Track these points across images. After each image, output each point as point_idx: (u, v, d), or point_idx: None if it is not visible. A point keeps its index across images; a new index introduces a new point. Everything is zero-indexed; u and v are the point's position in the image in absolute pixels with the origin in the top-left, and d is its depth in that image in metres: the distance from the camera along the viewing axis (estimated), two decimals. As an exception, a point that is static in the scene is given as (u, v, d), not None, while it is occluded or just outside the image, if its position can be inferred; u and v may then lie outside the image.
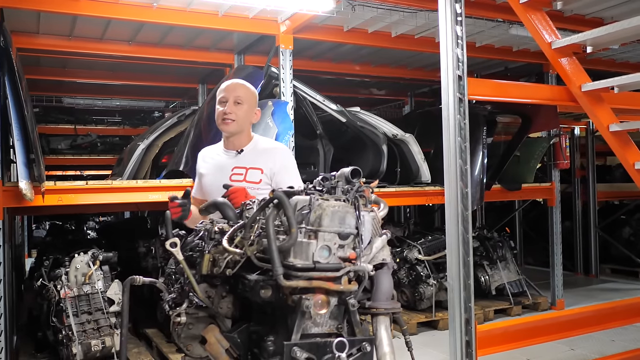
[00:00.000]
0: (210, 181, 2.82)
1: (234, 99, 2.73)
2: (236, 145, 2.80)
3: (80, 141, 9.45)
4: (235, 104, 2.73)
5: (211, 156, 2.89)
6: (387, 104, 10.09)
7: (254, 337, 1.88)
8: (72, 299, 4.44)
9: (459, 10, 3.07)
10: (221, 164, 2.80)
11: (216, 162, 2.84)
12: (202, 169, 2.90)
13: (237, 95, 2.74)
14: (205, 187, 2.86)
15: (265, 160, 2.76)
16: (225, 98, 2.74)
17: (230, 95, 2.74)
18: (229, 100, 2.73)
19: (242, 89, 2.79)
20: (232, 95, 2.74)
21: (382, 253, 1.96)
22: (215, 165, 2.83)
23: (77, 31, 5.54)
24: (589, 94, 3.36)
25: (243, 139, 2.81)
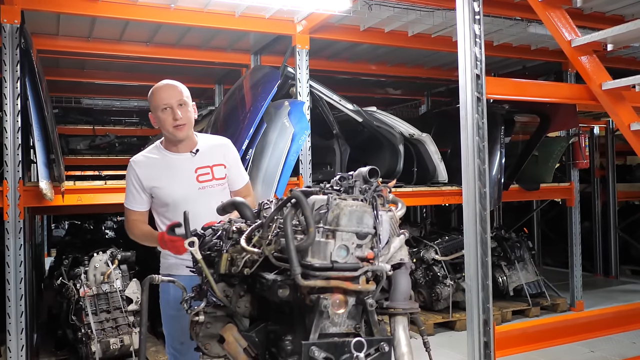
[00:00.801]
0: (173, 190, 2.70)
1: (177, 102, 2.66)
2: (188, 147, 2.75)
3: (99, 141, 9.54)
4: (179, 106, 2.66)
5: (154, 164, 2.74)
6: (403, 103, 10.05)
7: (272, 337, 1.88)
8: (91, 297, 4.49)
9: (477, 8, 3.04)
10: (178, 169, 2.71)
11: (168, 168, 2.71)
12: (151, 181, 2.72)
13: (179, 97, 2.68)
14: (165, 197, 2.71)
15: (222, 155, 2.80)
16: (168, 104, 2.65)
17: (172, 100, 2.66)
18: (173, 105, 2.65)
19: (178, 89, 2.71)
20: (175, 99, 2.66)
21: (400, 253, 1.95)
22: (170, 172, 2.71)
23: (96, 33, 5.61)
24: (610, 92, 3.31)
25: (192, 139, 2.78)
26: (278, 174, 4.60)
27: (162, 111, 2.66)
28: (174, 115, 2.64)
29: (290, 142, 4.68)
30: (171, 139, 2.73)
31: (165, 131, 2.70)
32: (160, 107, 2.66)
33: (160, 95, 2.68)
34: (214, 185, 2.74)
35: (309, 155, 5.25)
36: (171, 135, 2.69)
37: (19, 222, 4.13)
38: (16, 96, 4.12)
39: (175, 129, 2.66)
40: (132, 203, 2.75)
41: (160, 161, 2.74)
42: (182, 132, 2.68)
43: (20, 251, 4.12)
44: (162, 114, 2.66)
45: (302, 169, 5.22)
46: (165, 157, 2.74)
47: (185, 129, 2.68)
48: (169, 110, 2.65)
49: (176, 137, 2.69)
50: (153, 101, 2.70)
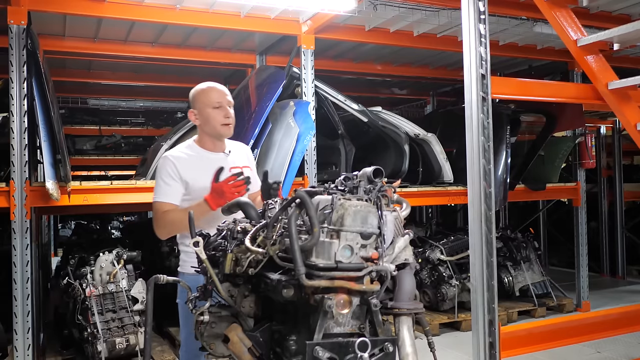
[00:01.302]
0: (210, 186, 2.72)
1: (228, 103, 2.79)
2: (222, 147, 2.85)
3: (105, 142, 9.57)
4: (229, 107, 2.79)
5: (192, 161, 2.79)
6: (408, 103, 10.04)
7: (276, 337, 1.88)
8: (97, 297, 4.51)
9: (482, 8, 3.03)
10: (215, 167, 2.73)
11: (205, 166, 2.74)
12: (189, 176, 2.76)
13: (229, 100, 2.80)
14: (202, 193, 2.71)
15: (247, 158, 2.96)
16: (221, 103, 2.77)
17: (224, 100, 2.78)
18: (224, 103, 2.77)
19: (229, 94, 2.84)
20: (226, 100, 2.79)
21: (405, 253, 1.95)
22: (207, 170, 2.72)
23: (102, 33, 5.64)
24: (616, 91, 3.29)
25: (225, 141, 2.89)
26: (283, 174, 4.61)
27: (214, 109, 2.76)
28: (225, 113, 2.75)
29: (295, 142, 4.69)
30: (214, 136, 2.81)
31: (212, 128, 2.77)
32: (212, 104, 2.76)
33: (213, 94, 2.79)
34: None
35: (314, 155, 5.26)
36: (217, 132, 2.78)
37: (25, 222, 4.15)
38: (23, 97, 4.15)
39: (224, 126, 2.76)
40: (167, 196, 2.76)
41: (198, 159, 2.80)
42: (229, 130, 2.79)
43: (26, 251, 4.14)
44: (213, 111, 2.75)
45: (307, 169, 5.22)
46: (202, 155, 2.81)
47: (232, 129, 2.81)
48: (221, 108, 2.76)
49: (223, 134, 2.80)
50: (204, 98, 2.78)
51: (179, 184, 2.75)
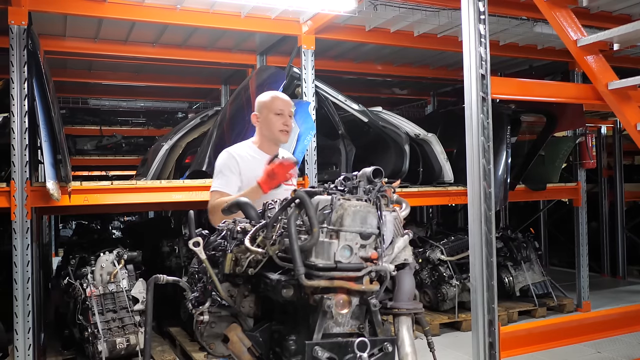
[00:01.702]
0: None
1: (289, 112, 2.99)
2: (274, 151, 3.03)
3: (106, 142, 9.59)
4: (289, 116, 2.99)
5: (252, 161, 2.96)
6: (409, 103, 10.04)
7: (276, 336, 1.89)
8: (97, 297, 4.51)
9: (482, 8, 3.03)
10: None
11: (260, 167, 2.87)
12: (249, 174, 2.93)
13: (290, 110, 3.01)
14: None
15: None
16: (283, 110, 2.97)
17: (286, 109, 2.98)
18: (285, 112, 2.97)
19: (291, 104, 3.05)
20: (288, 109, 2.99)
21: (404, 253, 1.95)
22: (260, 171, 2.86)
23: (103, 34, 5.64)
24: (616, 92, 3.29)
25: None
26: (283, 174, 4.60)
27: (276, 115, 2.96)
28: (284, 121, 2.96)
29: (295, 142, 4.69)
30: (272, 140, 3.01)
31: (270, 132, 2.98)
32: (275, 110, 2.97)
33: (279, 102, 3.01)
34: (290, 185, 2.94)
35: (315, 155, 5.26)
36: (275, 136, 2.99)
37: (26, 222, 4.15)
38: (23, 97, 4.15)
39: (281, 132, 2.97)
40: (226, 186, 2.93)
41: (255, 159, 2.95)
42: (286, 137, 3.01)
43: (27, 251, 4.15)
44: (275, 117, 2.96)
45: (308, 169, 5.23)
46: (259, 157, 2.97)
47: (288, 136, 3.03)
48: (281, 116, 2.96)
49: (279, 139, 3.01)
50: (269, 104, 2.99)
51: (237, 177, 2.94)
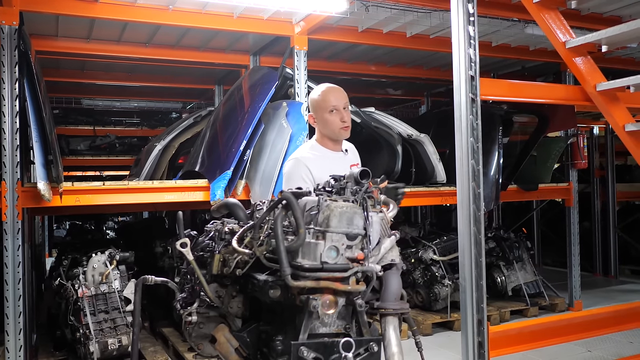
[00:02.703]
0: None
1: (343, 105, 2.80)
2: (340, 147, 2.90)
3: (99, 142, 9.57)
4: (345, 110, 2.80)
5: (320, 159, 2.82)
6: (403, 104, 10.06)
7: (264, 337, 1.90)
8: (89, 298, 4.51)
9: (472, 10, 3.05)
10: (338, 165, 2.79)
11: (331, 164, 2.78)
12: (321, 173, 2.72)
13: (345, 101, 2.82)
14: None
15: (356, 157, 2.98)
16: (336, 106, 2.78)
17: (340, 103, 2.79)
18: (340, 107, 2.78)
19: (345, 94, 2.87)
20: (342, 102, 2.80)
21: (391, 254, 1.97)
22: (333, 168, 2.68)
23: (95, 34, 5.63)
24: (604, 93, 3.32)
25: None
26: (276, 175, 4.62)
27: (330, 113, 2.78)
28: (341, 116, 2.77)
29: (288, 142, 4.70)
30: (333, 139, 2.85)
31: (330, 131, 2.81)
32: (328, 109, 2.78)
33: (329, 97, 2.80)
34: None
35: (307, 155, 5.26)
36: (336, 135, 2.82)
37: (17, 222, 4.15)
38: (14, 97, 4.14)
39: (342, 130, 2.80)
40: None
41: (323, 158, 2.83)
42: (347, 132, 2.83)
43: (18, 252, 4.14)
44: (330, 116, 2.78)
45: (300, 169, 5.22)
46: (326, 155, 2.85)
47: (349, 130, 2.84)
48: (336, 112, 2.77)
49: (341, 137, 2.84)
50: (320, 102, 2.82)
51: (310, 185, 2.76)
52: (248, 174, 4.85)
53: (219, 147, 5.07)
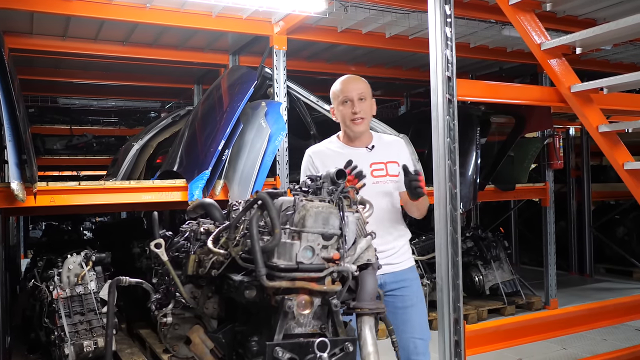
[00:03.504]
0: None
1: (358, 96, 2.66)
2: (364, 142, 2.74)
3: (76, 141, 9.45)
4: (360, 100, 2.66)
5: (332, 155, 2.72)
6: (383, 104, 10.10)
7: (239, 337, 1.89)
8: (64, 299, 4.44)
9: (449, 11, 3.08)
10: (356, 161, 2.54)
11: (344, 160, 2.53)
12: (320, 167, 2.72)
13: (360, 91, 2.67)
14: None
15: (396, 153, 2.77)
16: (349, 97, 2.66)
17: (353, 93, 2.66)
18: (354, 98, 2.65)
19: (362, 83, 2.72)
20: (356, 93, 2.66)
21: (367, 253, 1.97)
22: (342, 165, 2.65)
23: (71, 31, 5.55)
24: (578, 94, 3.37)
25: (368, 134, 2.77)
26: (254, 175, 4.60)
27: (342, 104, 2.67)
28: (354, 108, 2.64)
29: (266, 142, 4.68)
30: (348, 133, 2.72)
31: (344, 124, 2.70)
32: (342, 99, 2.67)
33: (341, 87, 2.70)
34: (387, 182, 2.70)
35: (286, 156, 5.26)
36: (349, 129, 2.69)
37: (-10, 223, 4.08)
38: (-13, 96, 4.06)
39: (353, 122, 2.65)
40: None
41: (338, 153, 2.71)
42: (359, 126, 2.66)
43: (-9, 253, 4.07)
44: (342, 107, 2.67)
45: (279, 169, 5.23)
46: (343, 150, 2.73)
47: (363, 123, 2.67)
48: (349, 103, 2.66)
49: (353, 130, 2.69)
50: (335, 93, 2.71)
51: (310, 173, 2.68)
52: (226, 174, 4.82)
53: (198, 147, 5.03)
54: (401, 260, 2.76)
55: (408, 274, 2.76)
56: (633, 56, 6.86)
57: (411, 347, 2.70)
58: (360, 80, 2.75)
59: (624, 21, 2.87)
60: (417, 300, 2.75)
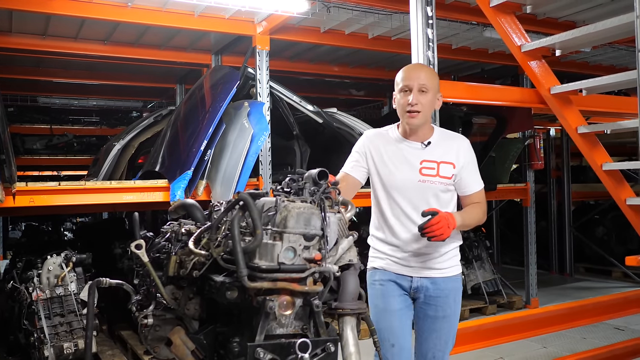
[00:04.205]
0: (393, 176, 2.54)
1: (418, 87, 2.44)
2: (420, 137, 2.54)
3: (56, 141, 9.34)
4: (420, 92, 2.44)
5: (385, 144, 2.58)
6: (366, 104, 10.13)
7: (220, 339, 1.89)
8: (44, 301, 4.38)
9: (430, 13, 3.11)
10: (404, 156, 2.54)
11: (396, 153, 2.55)
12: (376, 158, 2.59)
13: (422, 83, 2.45)
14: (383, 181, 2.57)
15: (455, 153, 2.55)
16: (409, 86, 2.45)
17: (414, 83, 2.45)
18: (414, 88, 2.44)
19: (426, 73, 2.52)
20: (417, 83, 2.45)
21: (349, 254, 1.98)
22: (398, 156, 2.54)
23: (51, 30, 5.49)
24: (558, 96, 3.42)
25: (427, 129, 2.56)
26: (237, 175, 4.59)
27: (401, 93, 2.50)
28: (411, 99, 2.44)
29: (249, 142, 4.67)
30: (404, 125, 2.55)
31: (400, 115, 2.53)
32: (400, 87, 2.50)
33: (403, 75, 2.51)
34: (435, 182, 2.51)
35: (269, 156, 5.25)
36: (405, 121, 2.52)
37: (-32, 224, 4.01)
38: (-35, 95, 4.01)
39: (408, 114, 2.46)
40: (345, 165, 2.67)
41: (391, 144, 2.57)
42: (414, 119, 2.46)
43: (-31, 254, 4.00)
44: (400, 97, 2.50)
45: (262, 169, 5.22)
46: (397, 142, 2.57)
47: (419, 117, 2.45)
48: (407, 92, 2.46)
49: (408, 123, 2.50)
50: (396, 81, 2.54)
51: (360, 156, 2.62)
52: (209, 174, 4.80)
53: (180, 147, 5.00)
54: (444, 267, 2.58)
55: (449, 283, 2.59)
56: (612, 58, 6.97)
57: (429, 356, 2.60)
58: (426, 70, 2.58)
59: (602, 24, 2.92)
60: (451, 312, 2.59)
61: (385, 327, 2.54)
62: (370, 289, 2.65)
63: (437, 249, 2.55)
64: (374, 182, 2.64)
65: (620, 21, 2.81)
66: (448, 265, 2.60)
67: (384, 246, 2.63)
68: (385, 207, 2.59)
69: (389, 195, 2.57)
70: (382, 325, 2.53)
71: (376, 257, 2.67)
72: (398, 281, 2.58)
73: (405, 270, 2.57)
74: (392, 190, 2.55)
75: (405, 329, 2.58)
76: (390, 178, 2.55)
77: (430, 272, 2.56)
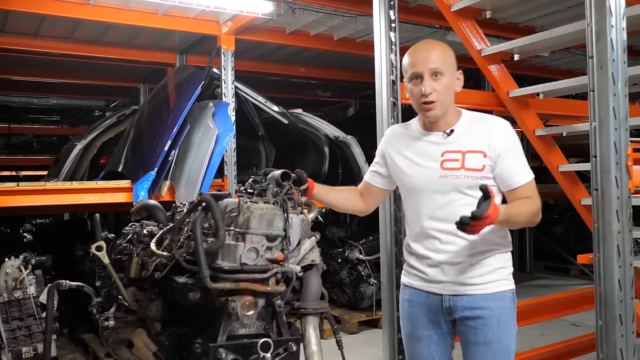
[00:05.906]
0: (408, 173, 2.17)
1: (430, 72, 2.03)
2: (442, 126, 2.12)
3: (15, 140, 9.12)
4: (433, 77, 2.04)
5: (406, 142, 2.22)
6: (332, 105, 10.19)
7: (183, 340, 1.89)
8: (1, 305, 4.26)
9: (393, 17, 3.15)
10: (424, 151, 2.15)
11: (415, 149, 2.18)
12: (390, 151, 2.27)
13: (434, 66, 2.03)
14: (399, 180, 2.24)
15: (486, 140, 2.07)
16: (419, 73, 2.05)
17: (424, 68, 2.04)
18: (425, 74, 2.04)
19: (437, 54, 2.07)
20: (427, 67, 2.03)
21: (312, 254, 2.01)
22: (419, 153, 2.16)
23: (10, 27, 5.37)
24: (516, 99, 3.51)
25: (450, 116, 2.12)
26: (202, 176, 4.57)
27: (411, 81, 2.09)
28: (424, 88, 2.03)
29: (214, 143, 4.66)
30: (423, 118, 2.16)
31: (416, 109, 2.15)
32: (409, 75, 2.09)
33: (409, 60, 2.10)
34: (460, 177, 2.06)
35: (234, 156, 5.25)
36: (421, 114, 2.15)
37: None
38: None
39: (424, 107, 2.06)
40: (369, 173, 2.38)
41: (411, 140, 2.20)
42: (432, 112, 2.06)
43: None
44: (411, 85, 2.10)
45: (227, 170, 5.20)
46: (418, 137, 2.19)
47: (437, 107, 2.05)
48: (418, 81, 2.06)
49: (425, 117, 2.11)
50: (404, 67, 2.14)
51: (380, 159, 2.32)
52: (173, 174, 4.76)
53: (143, 147, 4.95)
54: (481, 282, 2.09)
55: (489, 302, 2.07)
56: (570, 62, 7.19)
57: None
58: (436, 49, 2.09)
59: (557, 30, 3.02)
60: (494, 338, 2.06)
61: (412, 354, 2.22)
62: (400, 309, 2.31)
63: (469, 258, 2.09)
64: (398, 184, 2.30)
65: (574, 28, 2.91)
66: (486, 281, 2.10)
67: (409, 257, 2.24)
68: (407, 210, 2.26)
69: (412, 197, 2.20)
70: (409, 352, 2.23)
71: (405, 270, 2.28)
72: (428, 301, 2.15)
73: (433, 287, 2.13)
74: (414, 191, 2.18)
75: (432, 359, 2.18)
76: (409, 179, 2.18)
77: (462, 288, 2.09)
